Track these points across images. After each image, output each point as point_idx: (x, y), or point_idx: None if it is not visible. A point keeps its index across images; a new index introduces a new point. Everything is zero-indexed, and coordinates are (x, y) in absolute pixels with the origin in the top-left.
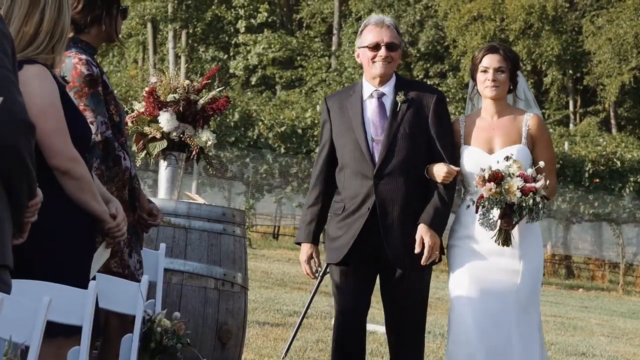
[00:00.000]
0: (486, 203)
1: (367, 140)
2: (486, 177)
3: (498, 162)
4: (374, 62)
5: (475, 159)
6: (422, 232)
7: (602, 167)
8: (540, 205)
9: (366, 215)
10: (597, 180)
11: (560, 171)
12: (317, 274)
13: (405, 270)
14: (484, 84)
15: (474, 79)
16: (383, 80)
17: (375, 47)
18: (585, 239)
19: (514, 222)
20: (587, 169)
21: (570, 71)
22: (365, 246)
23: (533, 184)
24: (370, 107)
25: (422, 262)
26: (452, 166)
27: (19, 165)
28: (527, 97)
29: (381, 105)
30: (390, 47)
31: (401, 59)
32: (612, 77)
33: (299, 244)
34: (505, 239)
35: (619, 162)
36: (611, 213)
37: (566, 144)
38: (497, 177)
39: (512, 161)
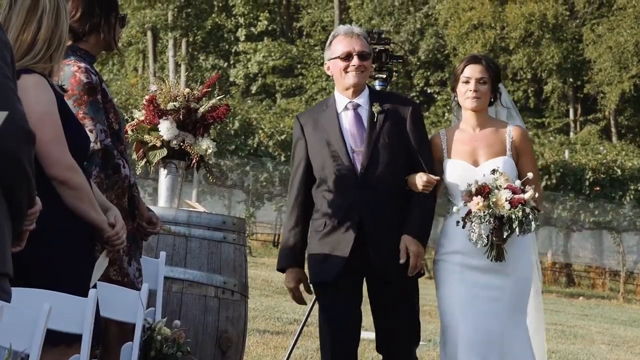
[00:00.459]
0: (474, 218)
1: (347, 151)
2: (473, 191)
3: (484, 175)
4: (346, 72)
5: (460, 172)
6: (407, 242)
7: (602, 176)
8: (531, 217)
9: (354, 229)
10: (598, 188)
11: (560, 179)
12: (310, 296)
13: (394, 282)
14: (465, 94)
15: (454, 90)
16: (357, 91)
17: (347, 57)
18: (586, 247)
19: (504, 236)
20: (588, 177)
21: (571, 79)
22: (353, 261)
23: (522, 195)
24: (347, 119)
25: (409, 272)
26: (431, 175)
27: (19, 173)
28: (509, 107)
29: (357, 116)
30: (362, 56)
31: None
32: (612, 85)
33: (283, 270)
34: (497, 254)
35: (619, 171)
36: (612, 221)
37: (566, 152)
38: (484, 191)
39: (499, 174)
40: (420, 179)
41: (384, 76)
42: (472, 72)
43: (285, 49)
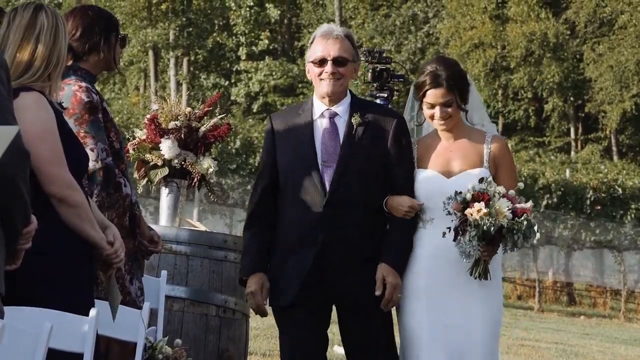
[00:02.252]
0: (472, 228)
1: (317, 164)
2: (468, 198)
3: (473, 186)
4: (320, 79)
5: (428, 183)
6: (384, 272)
7: (603, 194)
8: (536, 228)
9: (315, 252)
10: (599, 207)
11: (561, 198)
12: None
13: (365, 310)
14: (431, 117)
15: (417, 99)
16: (333, 100)
17: (321, 63)
18: (587, 266)
19: (498, 250)
20: (589, 196)
21: (572, 98)
22: (312, 285)
23: (525, 205)
24: (321, 128)
25: (383, 305)
26: (415, 200)
27: (12, 192)
28: (474, 106)
29: (333, 126)
30: (337, 62)
31: (356, 75)
32: (613, 105)
33: (244, 280)
34: (484, 271)
35: (620, 190)
36: (613, 240)
37: (567, 171)
38: (483, 198)
39: (487, 183)
40: (403, 204)
41: (385, 95)
42: (434, 98)
43: (287, 68)
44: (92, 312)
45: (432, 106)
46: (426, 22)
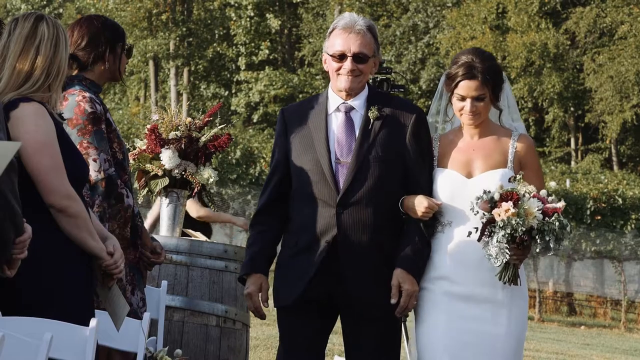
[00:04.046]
0: (499, 229)
1: (330, 161)
2: (496, 198)
3: (502, 185)
4: (338, 74)
5: (449, 183)
6: (400, 278)
7: (603, 205)
8: (569, 228)
9: (325, 252)
10: (599, 217)
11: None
12: (267, 305)
13: (374, 320)
14: (461, 111)
15: (448, 92)
16: (351, 94)
17: (341, 58)
18: (587, 276)
19: (531, 252)
20: (589, 206)
21: (572, 108)
22: (322, 289)
23: (556, 205)
24: (336, 123)
25: (397, 312)
26: (433, 200)
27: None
28: (510, 105)
29: (349, 120)
30: (358, 58)
31: (374, 71)
32: (613, 115)
33: (244, 279)
34: (513, 276)
35: (620, 200)
36: (613, 250)
37: (568, 181)
38: (512, 197)
39: (518, 181)
40: (420, 204)
41: None
42: (467, 90)
43: (287, 78)
44: (92, 322)
45: (463, 99)
46: (426, 32)
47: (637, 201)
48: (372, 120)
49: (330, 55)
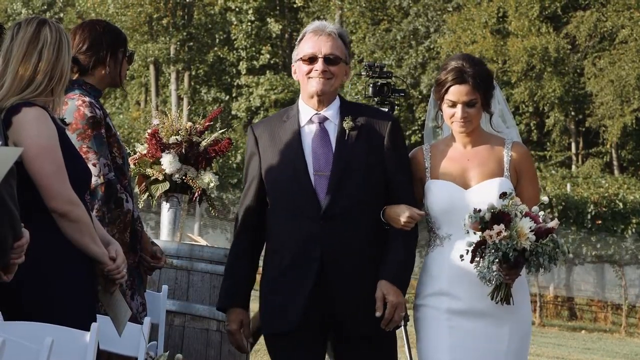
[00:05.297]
0: (490, 251)
1: (308, 174)
2: (486, 218)
3: (492, 205)
4: (309, 77)
5: (446, 195)
6: (384, 290)
7: (604, 209)
8: (564, 248)
9: (314, 269)
10: (600, 221)
11: (562, 213)
12: (248, 346)
13: (366, 338)
14: (452, 119)
15: (437, 100)
16: (323, 101)
17: (311, 60)
18: (588, 281)
19: (521, 273)
20: (590, 210)
21: (573, 113)
22: (314, 309)
23: (549, 225)
24: (310, 135)
25: (383, 325)
26: (415, 210)
27: None
28: (503, 110)
29: (323, 131)
30: (329, 60)
31: (348, 77)
32: (614, 119)
33: (224, 309)
34: (506, 295)
35: (621, 204)
36: (613, 255)
37: (568, 185)
38: (504, 218)
39: (509, 199)
40: (401, 213)
41: (386, 109)
42: (457, 96)
43: (288, 83)
44: (93, 326)
45: (454, 105)
46: (427, 36)
47: (638, 205)
48: (347, 130)
49: (301, 59)
